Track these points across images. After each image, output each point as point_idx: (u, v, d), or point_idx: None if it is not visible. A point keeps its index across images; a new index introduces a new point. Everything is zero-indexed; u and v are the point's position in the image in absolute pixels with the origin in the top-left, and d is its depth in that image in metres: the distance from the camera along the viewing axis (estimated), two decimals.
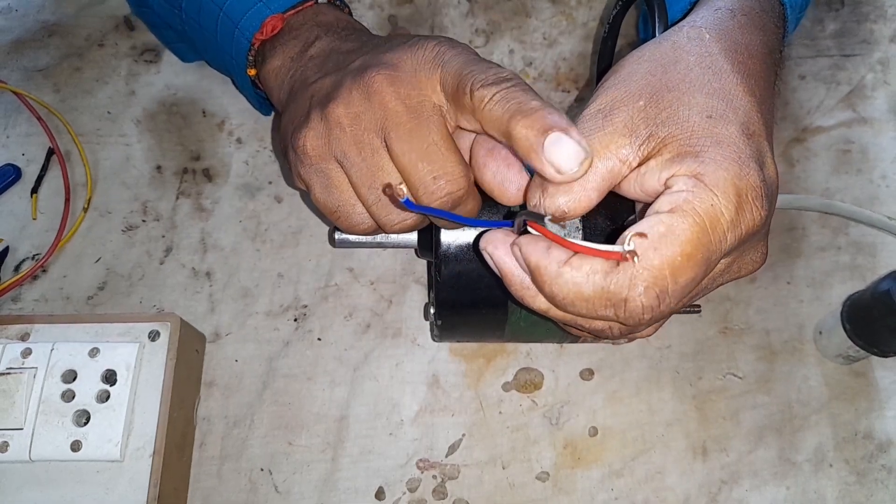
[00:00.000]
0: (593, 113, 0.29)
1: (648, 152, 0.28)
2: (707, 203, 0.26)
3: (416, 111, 0.32)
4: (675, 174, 0.27)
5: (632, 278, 0.26)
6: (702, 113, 0.28)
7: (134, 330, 0.42)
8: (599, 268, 0.26)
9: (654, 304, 0.26)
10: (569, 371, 0.46)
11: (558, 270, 0.27)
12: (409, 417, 0.45)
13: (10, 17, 0.58)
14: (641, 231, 0.26)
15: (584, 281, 0.26)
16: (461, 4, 0.58)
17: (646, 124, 0.28)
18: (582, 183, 0.28)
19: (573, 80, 0.55)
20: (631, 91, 0.29)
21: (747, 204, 0.27)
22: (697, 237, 0.26)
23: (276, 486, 0.43)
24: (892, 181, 0.51)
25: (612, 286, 0.26)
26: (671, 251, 0.25)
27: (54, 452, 0.39)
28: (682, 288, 0.26)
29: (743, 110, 0.28)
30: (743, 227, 0.27)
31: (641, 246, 0.26)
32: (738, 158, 0.27)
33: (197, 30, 0.46)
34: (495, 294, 0.37)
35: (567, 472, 0.43)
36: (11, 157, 0.52)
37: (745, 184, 0.26)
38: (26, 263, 0.49)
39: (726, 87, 0.29)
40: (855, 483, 0.43)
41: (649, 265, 0.25)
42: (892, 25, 0.57)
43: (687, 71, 0.29)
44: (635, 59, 0.31)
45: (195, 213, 0.51)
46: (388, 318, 0.48)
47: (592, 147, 0.28)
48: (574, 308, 0.27)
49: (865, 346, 0.42)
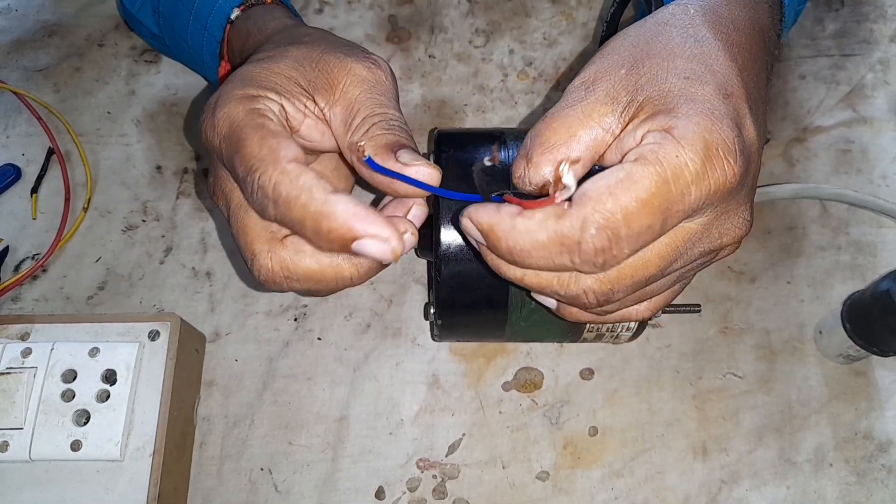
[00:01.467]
0: (577, 86, 0.30)
1: (629, 118, 0.28)
2: (672, 154, 0.26)
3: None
4: (648, 130, 0.27)
5: (584, 220, 0.26)
6: (679, 75, 0.28)
7: (134, 330, 0.42)
8: (552, 212, 0.26)
9: (605, 244, 0.26)
10: (569, 371, 0.46)
11: (511, 223, 0.27)
12: (409, 417, 0.45)
13: (10, 17, 0.58)
14: (597, 178, 0.26)
15: (537, 228, 0.26)
16: (461, 4, 0.58)
17: (626, 91, 0.28)
18: (566, 152, 0.28)
19: (573, 80, 0.55)
20: (613, 62, 0.29)
21: (717, 159, 0.26)
22: (656, 185, 0.25)
23: (276, 485, 0.43)
24: (893, 181, 0.51)
25: (565, 229, 0.26)
26: (626, 196, 0.25)
27: (54, 452, 0.39)
28: (636, 234, 0.26)
29: (721, 73, 0.28)
30: (711, 183, 0.26)
31: (598, 190, 0.26)
32: (711, 114, 0.27)
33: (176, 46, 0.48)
34: (495, 294, 0.37)
35: (567, 472, 0.43)
36: (11, 157, 0.52)
37: (715, 138, 0.26)
38: (26, 263, 0.49)
39: (706, 52, 0.29)
40: (855, 483, 0.43)
41: (602, 208, 0.25)
42: (892, 25, 0.57)
43: (668, 40, 0.29)
44: (621, 35, 0.31)
45: (195, 213, 0.51)
46: (388, 318, 0.48)
47: (575, 116, 0.28)
48: (532, 259, 0.27)
49: (865, 346, 0.42)
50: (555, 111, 0.29)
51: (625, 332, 0.39)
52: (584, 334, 0.40)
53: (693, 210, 0.27)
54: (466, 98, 0.54)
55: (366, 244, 0.28)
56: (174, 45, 0.48)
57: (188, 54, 0.47)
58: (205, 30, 0.44)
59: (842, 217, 0.50)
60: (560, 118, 0.29)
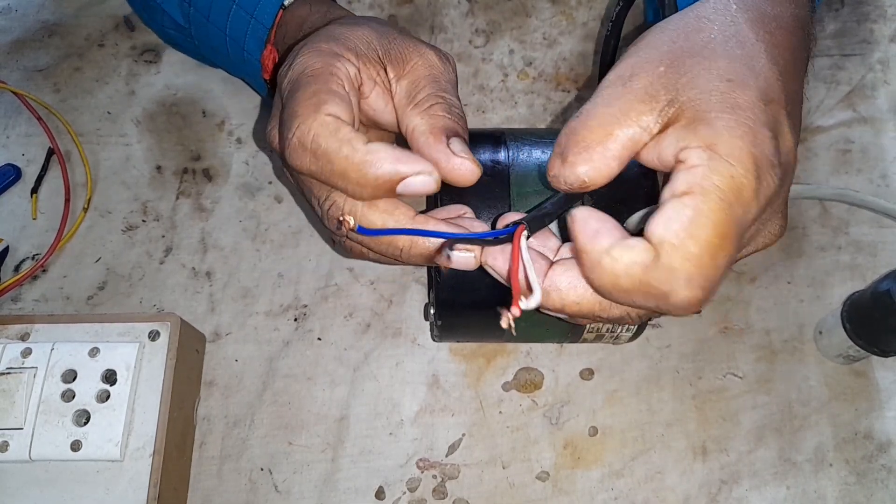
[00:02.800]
0: (613, 80, 0.29)
1: (668, 119, 0.27)
2: (727, 175, 0.25)
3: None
4: (688, 146, 0.26)
5: (673, 271, 0.25)
6: (721, 77, 0.27)
7: (134, 330, 0.42)
8: (640, 260, 0.26)
9: (699, 295, 0.25)
10: (569, 371, 0.46)
11: (598, 259, 0.27)
12: (409, 417, 0.45)
13: (10, 17, 0.58)
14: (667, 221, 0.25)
15: (622, 273, 0.26)
16: (461, 4, 0.58)
17: (666, 90, 0.27)
18: (602, 151, 0.27)
19: (573, 79, 0.55)
20: (651, 57, 0.29)
21: (764, 173, 0.26)
22: (727, 214, 0.25)
23: (276, 485, 0.43)
24: (893, 181, 0.51)
25: (652, 280, 0.25)
26: (706, 235, 0.25)
27: (54, 452, 0.39)
28: (723, 270, 0.26)
29: (763, 77, 0.28)
30: (762, 198, 0.26)
31: (676, 235, 0.25)
32: (753, 125, 0.26)
33: (206, 36, 0.47)
34: (495, 294, 0.37)
35: (567, 472, 0.43)
36: (11, 157, 0.52)
37: (759, 151, 0.26)
38: (26, 263, 0.49)
39: (749, 54, 0.28)
40: (855, 483, 0.43)
41: (689, 254, 0.25)
42: (892, 25, 0.56)
43: (710, 38, 0.29)
44: (659, 28, 0.30)
45: (195, 213, 0.51)
46: (388, 318, 0.48)
47: (612, 114, 0.28)
48: (612, 297, 0.27)
49: (866, 346, 0.42)
50: (591, 108, 0.28)
51: (625, 332, 0.39)
52: (584, 334, 0.40)
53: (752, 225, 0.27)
54: (466, 98, 0.54)
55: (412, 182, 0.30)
56: (204, 34, 0.47)
57: (221, 42, 0.46)
58: (251, 17, 0.43)
59: (842, 217, 0.50)
60: (597, 116, 0.28)
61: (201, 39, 0.48)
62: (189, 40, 0.50)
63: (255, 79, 0.45)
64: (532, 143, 0.38)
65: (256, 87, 0.49)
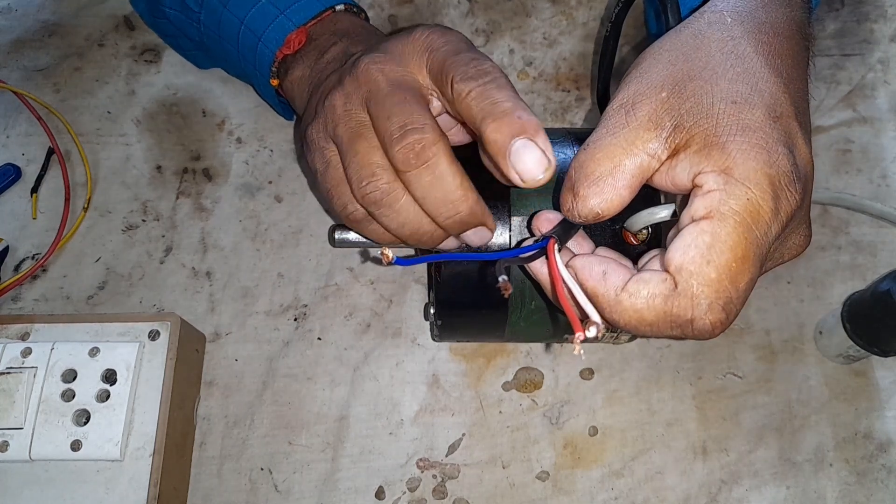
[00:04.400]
0: (616, 108, 0.29)
1: (676, 144, 0.27)
2: (743, 198, 0.25)
3: (397, 83, 0.33)
4: (702, 171, 0.26)
5: (693, 298, 0.25)
6: (725, 99, 0.27)
7: (134, 330, 0.42)
8: (658, 291, 0.26)
9: (722, 318, 0.25)
10: (569, 370, 0.46)
11: (616, 298, 0.27)
12: (409, 417, 0.45)
13: (10, 17, 0.58)
14: (685, 247, 0.26)
15: (644, 307, 0.26)
16: (461, 4, 0.58)
17: (670, 116, 0.28)
18: (612, 182, 0.28)
19: (573, 79, 0.55)
20: (653, 83, 0.29)
21: (782, 191, 0.26)
22: (745, 237, 0.25)
23: (276, 485, 0.43)
24: (893, 181, 0.51)
25: (674, 309, 0.26)
26: (724, 259, 0.25)
27: (54, 452, 0.39)
28: (744, 292, 0.26)
29: (769, 93, 0.28)
30: (783, 216, 0.26)
31: (694, 262, 0.25)
32: (766, 145, 0.26)
33: (216, 41, 0.47)
34: (495, 294, 0.36)
35: (567, 472, 0.43)
36: (11, 156, 0.52)
37: (776, 171, 0.26)
38: (26, 263, 0.49)
39: (750, 70, 0.28)
40: (855, 483, 0.43)
41: (707, 280, 0.25)
42: (892, 25, 0.56)
43: (709, 58, 0.29)
44: (656, 50, 0.30)
45: (195, 212, 0.51)
46: (388, 317, 0.48)
47: (618, 145, 0.28)
48: (639, 332, 0.27)
49: (866, 346, 0.42)
50: (596, 139, 0.28)
51: (625, 332, 0.39)
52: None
53: (773, 243, 0.27)
54: None
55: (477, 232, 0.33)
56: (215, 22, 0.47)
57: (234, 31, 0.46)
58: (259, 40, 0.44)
59: (842, 217, 0.50)
60: (602, 147, 0.28)
61: (210, 28, 0.47)
62: (195, 26, 0.48)
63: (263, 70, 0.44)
64: None
65: (259, 82, 0.47)
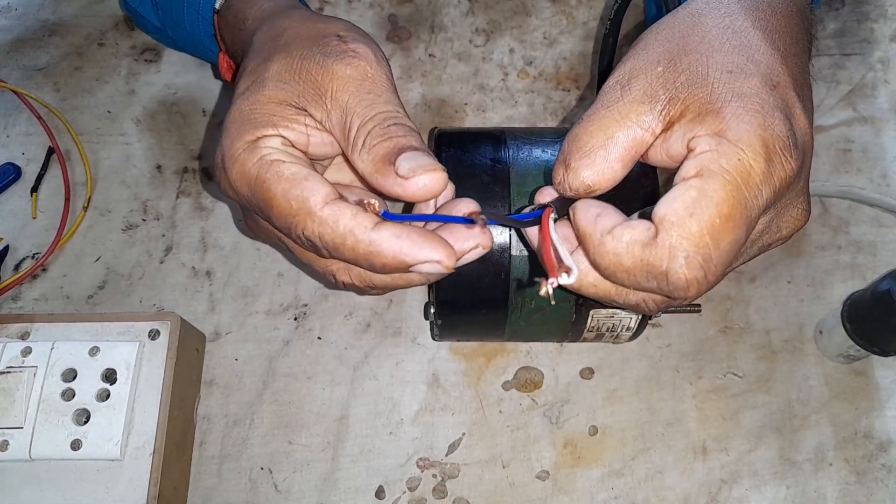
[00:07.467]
0: (612, 85, 0.29)
1: (671, 117, 0.27)
2: (734, 158, 0.25)
3: (257, 183, 0.30)
4: (696, 135, 0.26)
5: (671, 249, 0.25)
6: (721, 69, 0.27)
7: (134, 329, 0.42)
8: (639, 238, 0.25)
9: (698, 274, 0.25)
10: (569, 370, 0.46)
11: (601, 239, 0.26)
12: (409, 416, 0.45)
13: (10, 17, 0.58)
14: (670, 200, 0.25)
15: (623, 251, 0.26)
16: (461, 3, 0.58)
17: (665, 89, 0.27)
18: (604, 155, 0.27)
19: (573, 79, 0.55)
20: (649, 59, 0.28)
21: (776, 155, 0.25)
22: (732, 195, 0.25)
23: (276, 485, 0.43)
24: (893, 180, 0.51)
25: (651, 258, 0.25)
26: (708, 214, 0.24)
27: (54, 451, 0.39)
28: (726, 252, 0.25)
29: (765, 63, 0.27)
30: (776, 180, 0.26)
31: (677, 214, 0.25)
32: (761, 109, 0.26)
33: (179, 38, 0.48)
34: (495, 294, 0.37)
35: (567, 472, 0.43)
36: (11, 156, 0.52)
37: (770, 134, 0.25)
38: (26, 262, 0.49)
39: (746, 43, 0.28)
40: (855, 483, 0.43)
41: (688, 233, 0.24)
42: (892, 24, 0.56)
43: (705, 33, 0.28)
44: (654, 29, 0.30)
45: (195, 212, 0.51)
46: (388, 317, 0.48)
47: (611, 117, 0.28)
48: (617, 279, 0.27)
49: (866, 346, 0.42)
50: (591, 113, 0.28)
51: (625, 331, 0.39)
52: (584, 334, 0.40)
53: (765, 210, 0.26)
54: (467, 97, 0.54)
55: (422, 268, 0.28)
56: (177, 35, 0.48)
57: (192, 43, 0.47)
58: (198, 14, 0.43)
59: (842, 216, 0.50)
60: (596, 120, 0.28)
61: (178, 41, 0.49)
62: (171, 41, 0.50)
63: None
64: (532, 143, 0.38)
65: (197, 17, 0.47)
